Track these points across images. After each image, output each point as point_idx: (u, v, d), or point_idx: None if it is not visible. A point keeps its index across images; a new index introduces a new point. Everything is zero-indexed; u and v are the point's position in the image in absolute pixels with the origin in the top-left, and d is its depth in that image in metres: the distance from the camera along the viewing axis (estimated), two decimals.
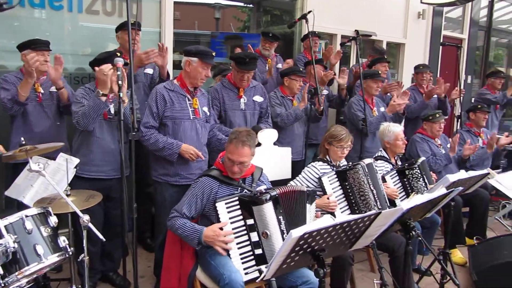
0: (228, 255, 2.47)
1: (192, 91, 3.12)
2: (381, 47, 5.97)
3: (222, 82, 3.71)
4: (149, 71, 3.92)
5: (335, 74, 4.86)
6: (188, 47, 3.09)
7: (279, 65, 4.79)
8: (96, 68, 2.83)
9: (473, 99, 7.87)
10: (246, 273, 2.45)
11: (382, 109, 4.72)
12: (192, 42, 5.61)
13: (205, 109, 3.24)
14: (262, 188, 2.69)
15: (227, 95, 3.61)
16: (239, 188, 2.65)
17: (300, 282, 2.46)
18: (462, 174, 3.11)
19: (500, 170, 4.63)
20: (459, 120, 5.07)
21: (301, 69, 4.17)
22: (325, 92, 4.90)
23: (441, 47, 6.90)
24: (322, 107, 4.07)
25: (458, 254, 4.11)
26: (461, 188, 2.86)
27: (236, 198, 2.53)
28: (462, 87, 7.75)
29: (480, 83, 8.98)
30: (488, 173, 3.19)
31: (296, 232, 1.74)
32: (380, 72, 4.63)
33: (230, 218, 2.50)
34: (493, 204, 5.43)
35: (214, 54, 3.06)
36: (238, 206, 2.52)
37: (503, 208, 5.05)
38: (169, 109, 3.04)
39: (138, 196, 3.89)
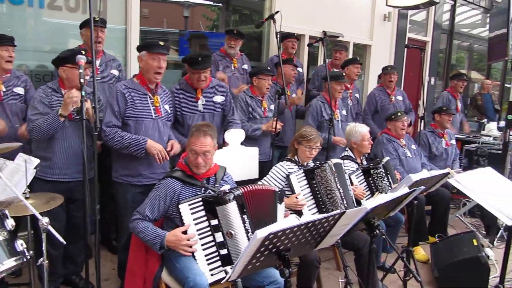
0: (193, 256, 2.45)
1: (152, 88, 3.07)
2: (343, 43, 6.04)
3: (179, 83, 3.62)
4: (115, 72, 3.85)
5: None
6: (139, 44, 3.07)
7: (245, 66, 4.77)
8: (66, 93, 2.78)
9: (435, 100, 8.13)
10: (212, 274, 2.43)
11: (344, 112, 4.80)
12: (160, 40, 5.53)
13: (167, 107, 3.19)
14: (226, 187, 2.68)
15: (184, 97, 3.51)
16: (203, 188, 2.62)
17: (267, 282, 2.47)
18: (424, 174, 3.18)
19: (460, 169, 4.78)
20: (423, 120, 5.20)
21: (268, 68, 4.17)
22: (295, 96, 4.93)
23: (406, 49, 7.05)
24: (280, 130, 4.04)
25: (421, 252, 4.21)
26: (423, 187, 2.93)
27: (200, 199, 2.50)
28: (425, 88, 8.01)
29: (443, 84, 9.26)
30: (448, 173, 3.29)
31: (261, 233, 1.74)
32: (344, 74, 4.69)
33: (194, 220, 2.47)
34: (454, 202, 5.61)
35: (162, 43, 2.99)
36: (202, 207, 2.49)
37: (463, 206, 5.22)
38: (130, 108, 2.98)
39: (103, 198, 3.84)
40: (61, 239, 2.14)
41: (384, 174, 3.74)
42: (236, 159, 3.35)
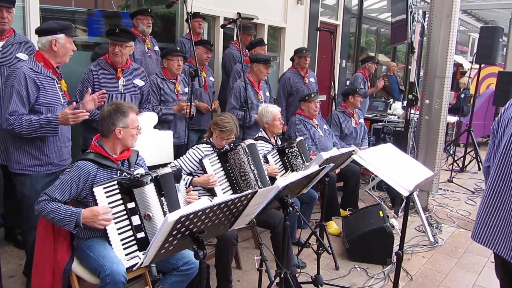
0: (109, 242, 2.37)
1: (59, 72, 2.90)
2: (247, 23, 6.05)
3: (98, 62, 3.49)
4: (22, 56, 3.54)
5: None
6: (46, 26, 2.85)
7: (156, 48, 4.65)
8: None
9: (348, 82, 8.52)
10: (128, 259, 2.38)
11: (268, 93, 4.88)
12: (67, 19, 5.18)
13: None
14: (140, 171, 2.64)
15: (103, 76, 3.41)
16: (118, 171, 2.54)
17: (181, 263, 2.48)
18: (334, 152, 3.34)
19: (366, 146, 5.09)
20: (334, 101, 5.43)
21: (178, 48, 4.09)
22: (211, 79, 4.90)
23: (318, 32, 7.27)
24: (193, 114, 4.02)
25: (334, 226, 4.44)
26: (332, 164, 3.07)
27: (115, 182, 2.43)
28: (337, 70, 8.36)
29: (354, 66, 9.71)
30: (353, 150, 3.49)
31: (172, 216, 1.72)
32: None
33: (109, 203, 2.39)
34: (365, 177, 5.98)
35: (73, 26, 2.88)
36: (118, 190, 2.43)
37: (372, 180, 5.58)
38: (42, 95, 2.77)
39: (5, 190, 3.57)
40: None
41: (298, 153, 3.88)
42: (150, 143, 3.27)
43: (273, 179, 3.63)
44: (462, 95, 9.11)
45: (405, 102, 7.10)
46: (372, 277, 3.57)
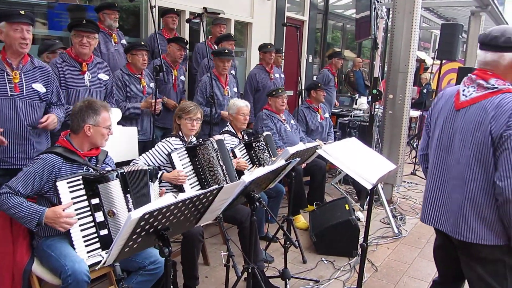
0: (71, 239, 2.31)
1: (11, 63, 2.76)
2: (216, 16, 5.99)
3: (61, 56, 3.37)
4: None
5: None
6: None
7: (123, 41, 4.55)
8: None
9: (314, 77, 8.59)
10: (89, 257, 2.33)
11: (235, 89, 4.85)
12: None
13: (37, 86, 2.89)
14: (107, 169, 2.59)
15: (68, 70, 3.30)
16: (85, 167, 2.49)
17: (147, 262, 2.45)
18: (300, 146, 3.37)
19: (332, 141, 5.16)
20: (301, 96, 5.47)
21: (142, 43, 4.01)
22: (182, 78, 4.83)
23: (284, 27, 7.29)
24: (160, 110, 3.95)
25: (302, 220, 4.49)
26: (298, 159, 3.09)
27: (80, 177, 2.38)
28: (304, 65, 8.42)
29: (320, 62, 9.81)
30: (318, 144, 3.53)
31: (135, 214, 1.69)
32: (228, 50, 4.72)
33: (72, 199, 2.34)
34: (331, 172, 6.07)
35: (23, 12, 2.72)
36: (82, 186, 2.38)
37: (338, 174, 5.66)
38: None
39: None
40: None
41: (264, 147, 3.89)
42: (114, 139, 3.18)
43: (241, 174, 3.63)
44: (425, 90, 9.36)
45: (370, 97, 7.26)
46: (339, 269, 3.63)
